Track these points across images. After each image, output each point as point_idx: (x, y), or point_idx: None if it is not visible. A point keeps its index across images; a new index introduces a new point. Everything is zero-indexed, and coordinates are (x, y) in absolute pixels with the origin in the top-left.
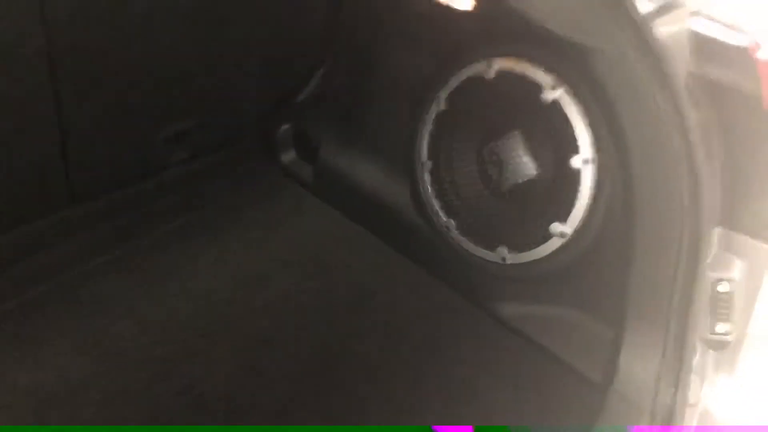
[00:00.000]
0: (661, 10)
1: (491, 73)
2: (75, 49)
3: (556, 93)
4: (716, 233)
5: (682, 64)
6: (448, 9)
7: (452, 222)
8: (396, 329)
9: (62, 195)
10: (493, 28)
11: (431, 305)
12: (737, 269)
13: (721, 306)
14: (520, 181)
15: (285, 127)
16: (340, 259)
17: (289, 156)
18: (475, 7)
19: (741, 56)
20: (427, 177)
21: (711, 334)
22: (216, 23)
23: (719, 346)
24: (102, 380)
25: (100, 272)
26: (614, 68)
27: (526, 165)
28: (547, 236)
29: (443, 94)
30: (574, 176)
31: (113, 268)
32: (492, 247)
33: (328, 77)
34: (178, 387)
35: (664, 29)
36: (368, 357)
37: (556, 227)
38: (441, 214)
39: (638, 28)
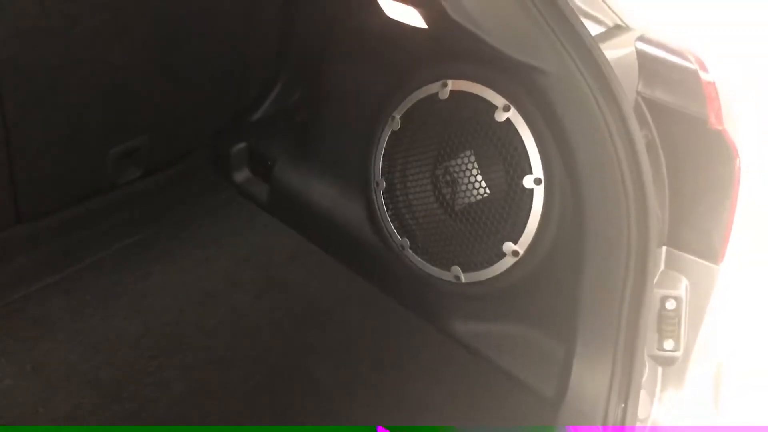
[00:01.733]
0: (609, 33)
1: (445, 94)
2: (21, 66)
3: (508, 113)
4: (663, 252)
5: (629, 85)
6: (402, 28)
7: (407, 241)
8: (350, 347)
9: (9, 214)
10: (447, 49)
11: (385, 323)
12: (683, 287)
13: (668, 323)
14: (473, 200)
15: (239, 145)
16: (294, 277)
17: (242, 174)
18: (428, 27)
19: (687, 77)
20: (381, 196)
21: (659, 350)
22: (168, 40)
23: (667, 362)
24: (49, 403)
25: (47, 293)
26: (563, 89)
27: (479, 185)
28: (500, 255)
29: (397, 114)
30: (526, 196)
31: (60, 288)
32: (446, 266)
33: (283, 95)
34: (129, 410)
35: (612, 51)
36: (322, 375)
37: (508, 246)
38: (395, 233)
39: (586, 49)
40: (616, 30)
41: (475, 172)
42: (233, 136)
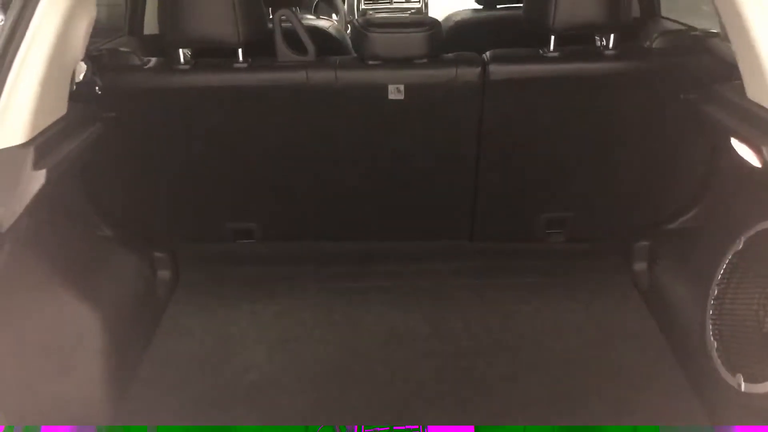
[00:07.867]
0: None
1: None
2: (497, 137)
3: None
4: None
5: None
6: None
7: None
8: None
9: (465, 232)
10: None
11: None
12: None
13: None
14: None
15: (642, 243)
16: None
17: (639, 266)
18: None
19: None
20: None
21: None
22: (608, 142)
23: None
24: None
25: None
26: None
27: None
28: None
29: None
30: None
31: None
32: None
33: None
34: None
35: None
36: None
37: None
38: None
39: None
40: None
41: None
42: (641, 233)
